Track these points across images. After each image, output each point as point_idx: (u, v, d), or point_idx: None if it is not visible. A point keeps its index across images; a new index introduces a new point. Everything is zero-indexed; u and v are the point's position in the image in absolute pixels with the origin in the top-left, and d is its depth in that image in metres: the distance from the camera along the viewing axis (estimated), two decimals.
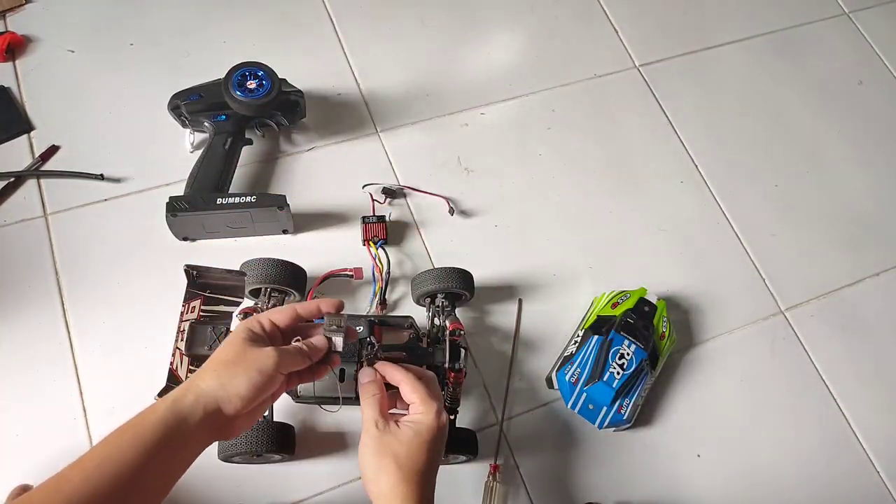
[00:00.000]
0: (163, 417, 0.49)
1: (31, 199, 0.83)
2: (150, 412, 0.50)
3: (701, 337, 0.86)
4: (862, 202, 0.99)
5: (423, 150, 0.93)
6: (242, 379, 0.52)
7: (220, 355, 0.54)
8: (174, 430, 0.49)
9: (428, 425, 0.58)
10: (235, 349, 0.54)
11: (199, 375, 0.53)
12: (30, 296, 0.77)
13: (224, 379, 0.52)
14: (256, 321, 0.57)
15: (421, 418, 0.58)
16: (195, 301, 0.70)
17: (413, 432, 0.57)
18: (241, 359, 0.53)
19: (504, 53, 1.02)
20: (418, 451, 0.56)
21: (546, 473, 0.76)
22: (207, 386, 0.52)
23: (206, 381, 0.52)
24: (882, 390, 0.86)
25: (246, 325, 0.56)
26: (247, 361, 0.53)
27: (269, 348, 0.55)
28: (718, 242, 0.93)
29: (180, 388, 0.52)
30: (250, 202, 0.78)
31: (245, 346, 0.54)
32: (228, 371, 0.52)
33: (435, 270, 0.76)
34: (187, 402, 0.51)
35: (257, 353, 0.54)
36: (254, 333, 0.56)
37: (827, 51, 1.11)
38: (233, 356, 0.53)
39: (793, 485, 0.80)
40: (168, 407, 0.50)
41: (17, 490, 0.64)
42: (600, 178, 0.94)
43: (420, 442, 0.57)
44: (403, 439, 0.57)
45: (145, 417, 0.50)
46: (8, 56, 0.90)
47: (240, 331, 0.56)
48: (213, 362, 0.54)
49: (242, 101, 0.79)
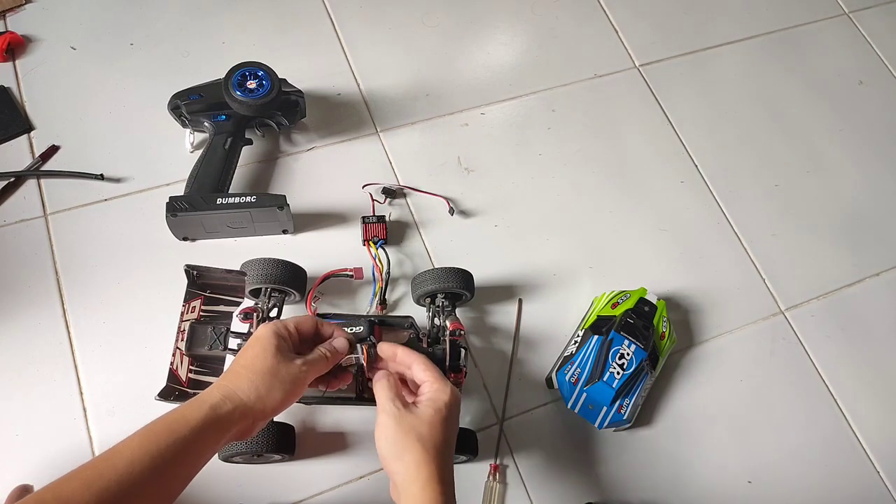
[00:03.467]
0: (201, 423, 0.51)
1: (31, 199, 0.83)
2: (188, 414, 0.52)
3: (701, 337, 0.86)
4: (862, 202, 0.99)
5: (423, 150, 0.93)
6: (279, 392, 0.55)
7: (255, 363, 0.56)
8: (210, 434, 0.52)
9: (446, 401, 0.58)
10: (269, 359, 0.56)
11: (234, 382, 0.55)
12: (30, 296, 0.77)
13: (262, 391, 0.55)
14: (283, 327, 0.59)
15: (438, 395, 0.59)
16: (195, 301, 0.70)
17: (433, 410, 0.57)
18: (276, 370, 0.56)
19: (504, 53, 1.02)
20: (440, 428, 0.57)
21: (546, 473, 0.76)
22: (246, 397, 0.54)
23: (245, 391, 0.54)
24: (882, 390, 0.86)
25: (275, 332, 0.58)
26: (284, 374, 0.56)
27: (300, 360, 0.58)
28: (718, 242, 0.93)
29: (216, 392, 0.54)
30: (250, 202, 0.78)
31: (278, 357, 0.56)
32: (266, 383, 0.55)
33: (435, 270, 0.76)
34: (226, 410, 0.53)
35: (291, 366, 0.57)
36: (283, 341, 0.58)
37: (827, 51, 1.11)
38: (269, 367, 0.56)
39: (793, 484, 0.80)
40: (207, 413, 0.52)
41: (17, 490, 0.64)
42: (600, 178, 0.94)
43: (441, 419, 0.57)
44: (425, 418, 0.57)
45: (183, 419, 0.51)
46: (8, 56, 0.90)
47: (270, 337, 0.57)
48: (248, 370, 0.56)
49: (242, 101, 0.79)
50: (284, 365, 0.56)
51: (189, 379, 0.69)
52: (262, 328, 0.59)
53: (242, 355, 0.58)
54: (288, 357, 0.58)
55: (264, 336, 0.58)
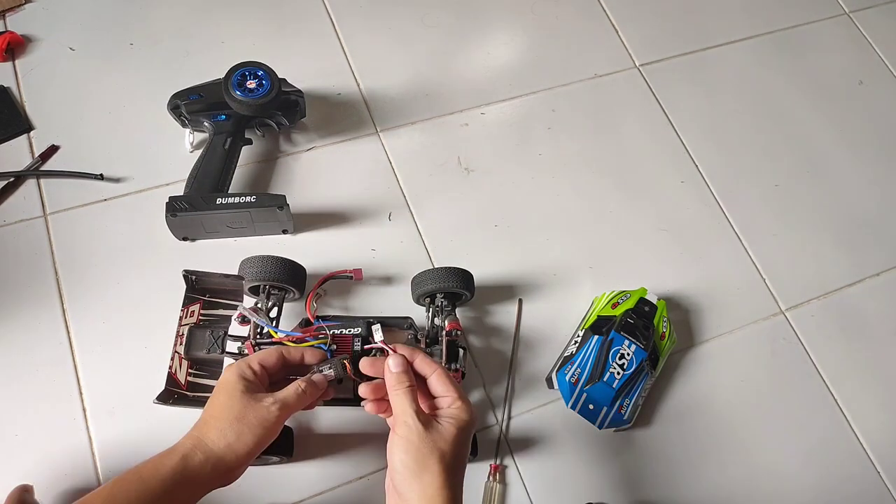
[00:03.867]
0: (171, 473, 0.51)
1: (31, 198, 0.83)
2: (159, 464, 0.52)
3: (701, 337, 0.86)
4: (862, 202, 0.99)
5: (423, 150, 0.93)
6: (249, 437, 0.54)
7: (222, 412, 0.55)
8: (181, 485, 0.51)
9: (468, 421, 0.56)
10: (236, 405, 0.55)
11: (203, 432, 0.54)
12: (30, 296, 0.77)
13: (231, 438, 0.54)
14: (247, 367, 0.58)
15: (460, 413, 0.56)
16: (194, 305, 0.70)
17: (457, 430, 0.55)
18: (244, 415, 0.55)
19: (504, 53, 1.02)
20: (462, 449, 0.55)
21: (546, 473, 0.76)
22: (215, 446, 0.53)
23: (213, 440, 0.54)
24: (882, 390, 0.86)
25: (239, 374, 0.57)
26: (251, 418, 0.55)
27: (271, 401, 0.56)
28: (718, 242, 0.93)
29: (187, 441, 0.54)
30: (250, 202, 0.78)
31: (246, 401, 0.55)
32: (234, 430, 0.54)
33: (435, 270, 0.76)
34: (196, 461, 0.52)
35: (261, 409, 0.55)
36: (249, 382, 0.56)
37: (827, 51, 1.11)
38: (236, 414, 0.55)
39: (793, 485, 0.80)
40: (177, 463, 0.52)
41: (17, 490, 0.64)
42: (600, 178, 0.94)
43: (463, 440, 0.55)
44: (448, 437, 0.54)
45: (154, 468, 0.51)
46: (8, 56, 0.90)
47: (235, 382, 0.56)
48: (216, 419, 0.55)
49: (242, 101, 0.79)
50: (252, 409, 0.55)
51: (188, 382, 0.69)
52: (226, 372, 0.58)
53: (211, 403, 0.57)
54: (256, 399, 0.56)
55: (229, 381, 0.56)
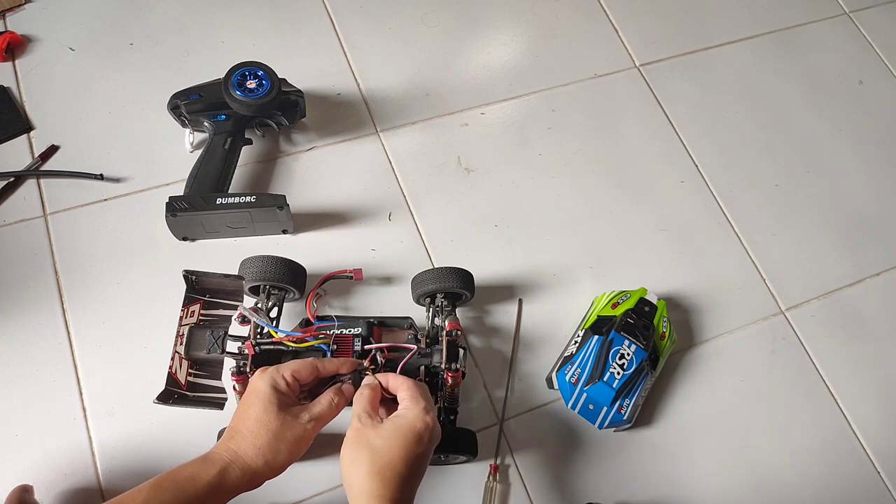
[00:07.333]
0: (208, 485, 0.52)
1: (31, 198, 0.83)
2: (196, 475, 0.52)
3: (701, 337, 0.86)
4: (862, 202, 0.99)
5: (423, 150, 0.93)
6: (286, 455, 0.56)
7: (259, 429, 0.56)
8: (216, 496, 0.53)
9: (410, 420, 0.56)
10: (273, 422, 0.56)
11: (239, 445, 0.55)
12: (30, 296, 0.77)
13: (269, 457, 0.55)
14: (281, 378, 0.58)
15: (405, 413, 0.57)
16: (194, 305, 0.70)
17: (393, 426, 0.56)
18: (282, 433, 0.56)
19: (504, 53, 1.02)
20: (395, 445, 0.55)
21: (546, 473, 0.76)
22: (253, 462, 0.55)
23: (251, 457, 0.55)
24: (882, 390, 0.86)
25: (272, 386, 0.57)
26: (289, 436, 0.56)
27: (307, 418, 0.58)
28: (718, 242, 0.93)
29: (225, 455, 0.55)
30: (250, 202, 0.78)
31: (283, 417, 0.56)
32: (272, 448, 0.55)
33: (435, 270, 0.76)
34: (234, 476, 0.54)
35: (297, 427, 0.57)
36: (282, 395, 0.57)
37: (827, 51, 1.11)
38: (274, 431, 0.56)
39: (793, 484, 0.79)
40: (214, 477, 0.53)
41: (17, 490, 0.64)
42: (600, 178, 0.94)
43: (399, 436, 0.55)
44: (382, 432, 0.56)
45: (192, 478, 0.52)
46: (7, 56, 0.90)
47: (269, 394, 0.57)
48: (253, 434, 0.56)
49: (242, 101, 0.79)
50: (290, 426, 0.56)
51: (188, 382, 0.69)
52: (258, 380, 0.58)
53: (245, 414, 0.57)
54: (292, 413, 0.57)
55: (263, 392, 0.57)
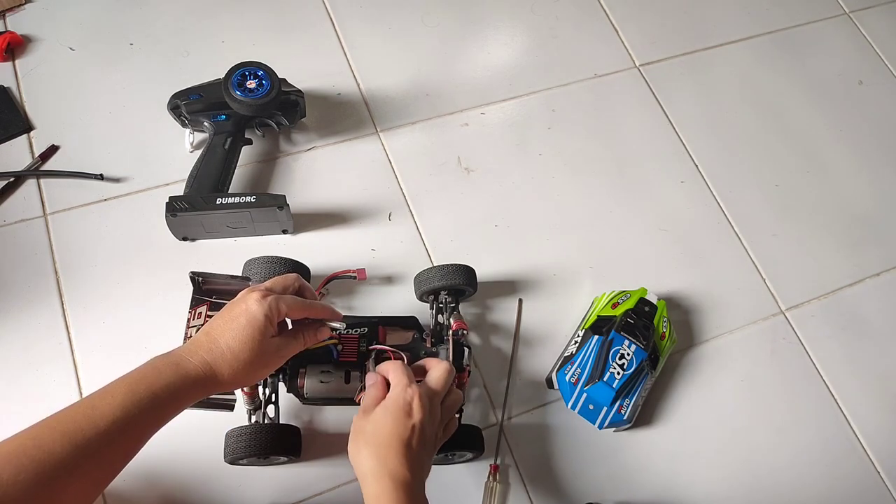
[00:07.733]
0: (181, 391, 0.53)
1: (31, 198, 0.83)
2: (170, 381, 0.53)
3: (701, 337, 0.86)
4: (862, 202, 0.99)
5: (423, 150, 0.93)
6: (255, 378, 0.58)
7: (242, 352, 0.56)
8: (184, 402, 0.54)
9: (393, 397, 0.58)
10: (256, 348, 0.56)
11: (217, 364, 0.55)
12: (30, 296, 0.77)
13: (238, 381, 0.57)
14: (278, 314, 0.58)
15: (389, 393, 0.59)
16: (201, 307, 0.70)
17: (381, 408, 0.58)
18: (259, 362, 0.57)
19: (504, 53, 1.02)
20: (385, 423, 0.57)
21: (546, 473, 0.76)
22: (223, 381, 0.55)
23: (224, 377, 0.55)
24: (882, 390, 0.86)
25: (267, 316, 0.57)
26: (261, 366, 0.57)
27: (282, 354, 0.59)
28: (718, 242, 0.93)
29: (200, 367, 0.54)
30: (250, 202, 0.78)
31: (264, 347, 0.57)
32: (245, 374, 0.56)
33: (438, 267, 0.76)
34: (201, 391, 0.55)
35: (272, 359, 0.58)
36: (272, 327, 0.58)
37: (827, 51, 1.11)
38: (254, 357, 0.56)
39: (793, 484, 0.80)
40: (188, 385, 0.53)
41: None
42: (600, 178, 0.94)
43: (386, 415, 0.57)
44: (373, 417, 0.58)
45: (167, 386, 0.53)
46: (8, 56, 0.90)
47: (263, 324, 0.57)
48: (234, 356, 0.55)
49: (242, 101, 0.79)
50: (267, 357, 0.57)
51: None
52: (256, 306, 0.56)
53: (230, 331, 0.56)
54: (273, 345, 0.58)
55: (258, 322, 0.56)
